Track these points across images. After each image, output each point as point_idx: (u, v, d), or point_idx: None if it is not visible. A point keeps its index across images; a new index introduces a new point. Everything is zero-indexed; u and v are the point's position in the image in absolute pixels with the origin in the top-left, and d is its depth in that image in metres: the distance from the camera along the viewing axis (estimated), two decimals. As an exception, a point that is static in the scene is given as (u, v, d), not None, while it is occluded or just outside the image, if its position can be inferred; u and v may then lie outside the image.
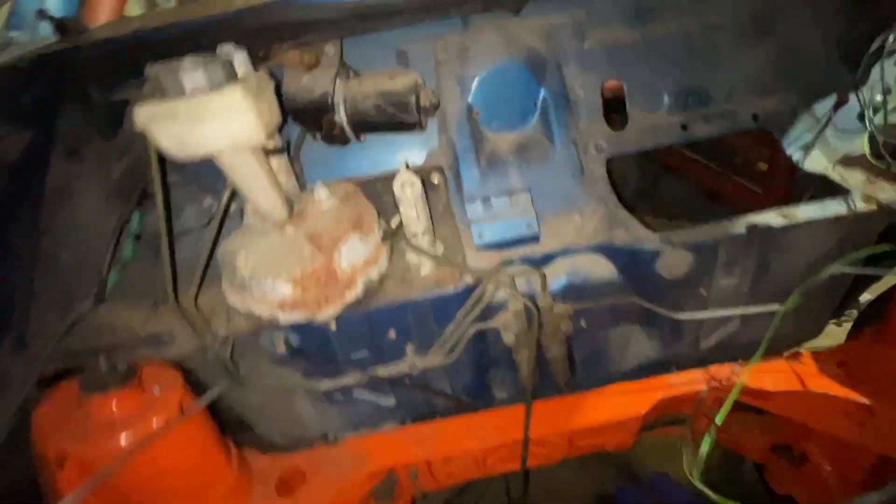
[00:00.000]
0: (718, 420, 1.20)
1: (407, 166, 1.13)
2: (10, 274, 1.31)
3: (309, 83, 1.18)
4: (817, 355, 1.39)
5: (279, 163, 1.07)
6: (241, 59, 0.89)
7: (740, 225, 1.18)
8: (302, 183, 1.32)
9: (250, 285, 1.01)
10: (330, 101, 1.19)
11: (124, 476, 1.02)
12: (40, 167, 1.45)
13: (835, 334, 1.69)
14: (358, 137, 1.29)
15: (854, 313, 1.69)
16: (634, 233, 1.22)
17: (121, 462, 0.93)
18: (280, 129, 1.11)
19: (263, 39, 1.04)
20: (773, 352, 1.44)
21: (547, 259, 1.28)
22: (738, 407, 1.65)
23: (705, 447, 1.10)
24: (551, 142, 1.39)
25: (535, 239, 1.28)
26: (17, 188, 1.39)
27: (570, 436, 1.45)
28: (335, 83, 1.20)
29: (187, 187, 1.35)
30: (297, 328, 1.20)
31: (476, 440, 1.37)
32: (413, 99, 1.19)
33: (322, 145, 1.33)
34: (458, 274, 1.17)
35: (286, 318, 1.04)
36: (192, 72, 0.70)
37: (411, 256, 1.23)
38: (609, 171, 1.39)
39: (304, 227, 1.03)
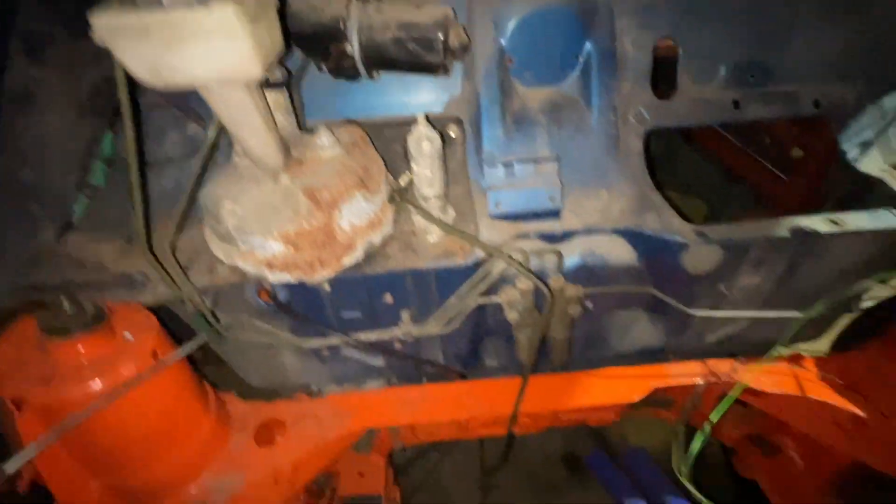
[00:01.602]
0: (714, 418, 1.18)
1: (427, 119, 0.97)
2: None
3: (319, 2, 0.98)
4: (820, 362, 1.36)
5: (278, 99, 0.90)
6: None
7: (784, 227, 1.08)
8: (301, 120, 1.15)
9: (236, 238, 0.89)
10: (342, 26, 1.00)
11: (90, 424, 0.96)
12: (-3, 67, 1.24)
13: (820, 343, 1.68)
14: (370, 74, 1.11)
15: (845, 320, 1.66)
16: (667, 221, 1.11)
17: (86, 412, 0.86)
18: (282, 59, 0.93)
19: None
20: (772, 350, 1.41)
21: (565, 236, 1.17)
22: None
23: (697, 445, 1.08)
24: (588, 105, 1.23)
25: (556, 214, 1.16)
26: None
27: (557, 412, 1.43)
28: (350, 6, 1.00)
29: (170, 111, 1.17)
30: (287, 285, 1.10)
31: (463, 409, 1.34)
32: (440, 37, 1.00)
33: (327, 78, 1.15)
34: (468, 246, 1.06)
35: (275, 278, 0.93)
36: (170, -28, 0.52)
37: (418, 220, 1.11)
38: (647, 147, 1.25)
39: (302, 179, 0.89)
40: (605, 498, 2.53)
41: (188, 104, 1.13)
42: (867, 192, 1.30)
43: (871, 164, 1.24)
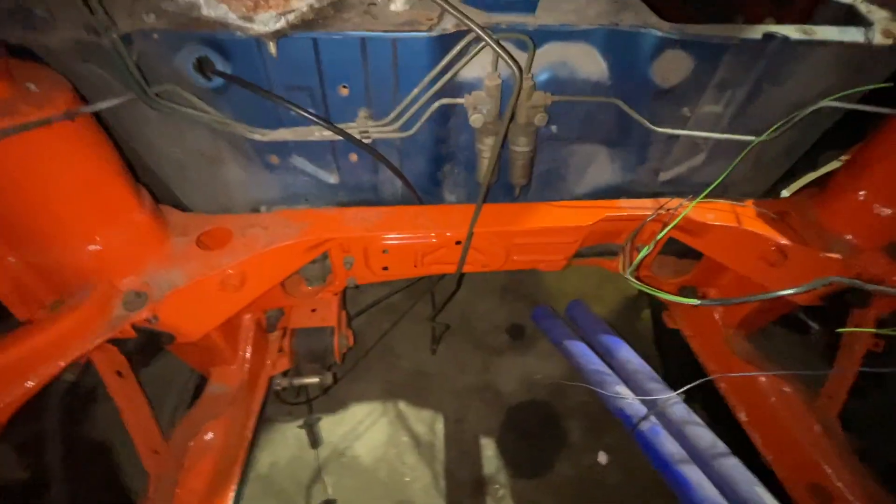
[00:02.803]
0: (659, 236, 1.24)
1: None
2: None
3: None
4: (760, 202, 1.45)
5: None
6: None
7: (757, 31, 1.05)
8: None
9: (160, -52, 0.74)
10: None
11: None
12: None
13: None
14: None
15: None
16: (644, 17, 1.05)
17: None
18: None
19: None
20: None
21: (538, 35, 1.09)
22: (663, 251, 1.77)
23: (644, 252, 1.14)
24: None
25: (531, 6, 1.07)
26: None
27: (510, 248, 1.45)
28: None
29: None
30: (226, 51, 0.97)
31: (419, 229, 1.32)
32: None
33: None
34: (435, 16, 0.96)
35: (210, 10, 0.80)
36: None
37: (380, -11, 0.98)
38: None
39: None
40: (544, 361, 2.74)
41: None
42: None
43: (846, -7, 1.23)
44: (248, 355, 1.63)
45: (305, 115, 1.04)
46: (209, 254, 1.17)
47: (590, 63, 1.17)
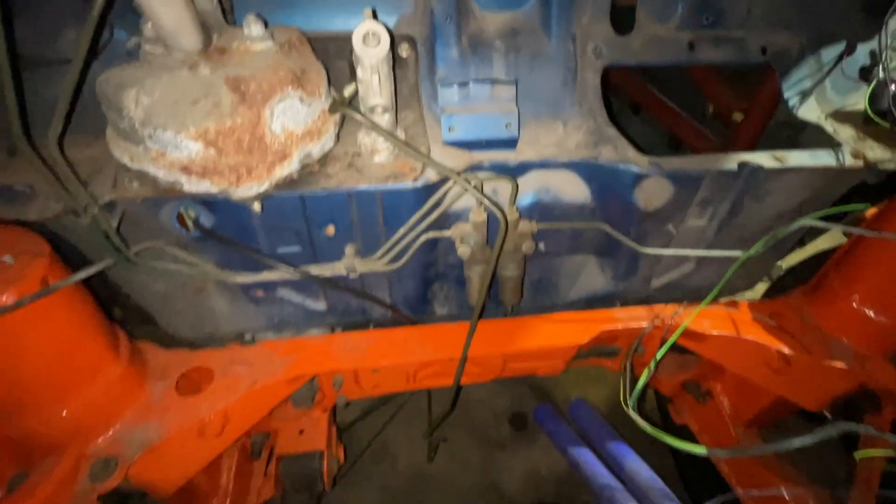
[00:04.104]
0: (658, 355, 1.20)
1: (374, 15, 0.86)
2: None
3: None
4: (753, 305, 1.43)
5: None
6: None
7: (732, 161, 1.08)
8: (231, 20, 1.00)
9: (143, 135, 0.75)
10: None
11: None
12: None
13: (754, 292, 1.80)
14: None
15: (773, 276, 1.78)
16: (622, 152, 1.08)
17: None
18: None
19: None
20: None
21: (520, 169, 1.12)
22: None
23: (643, 380, 1.09)
24: (547, 33, 1.17)
25: (511, 143, 1.10)
26: None
27: (506, 358, 1.40)
28: None
29: (66, 6, 0.98)
30: (212, 204, 0.97)
31: (410, 355, 1.27)
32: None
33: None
34: (419, 167, 0.98)
35: (192, 187, 0.80)
36: None
37: (364, 139, 1.01)
38: (604, 83, 1.22)
39: (226, 69, 0.76)
40: (550, 454, 2.59)
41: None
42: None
43: (809, 111, 1.29)
44: (230, 486, 1.50)
45: (289, 270, 1.03)
46: (188, 401, 1.10)
47: (573, 188, 1.19)
